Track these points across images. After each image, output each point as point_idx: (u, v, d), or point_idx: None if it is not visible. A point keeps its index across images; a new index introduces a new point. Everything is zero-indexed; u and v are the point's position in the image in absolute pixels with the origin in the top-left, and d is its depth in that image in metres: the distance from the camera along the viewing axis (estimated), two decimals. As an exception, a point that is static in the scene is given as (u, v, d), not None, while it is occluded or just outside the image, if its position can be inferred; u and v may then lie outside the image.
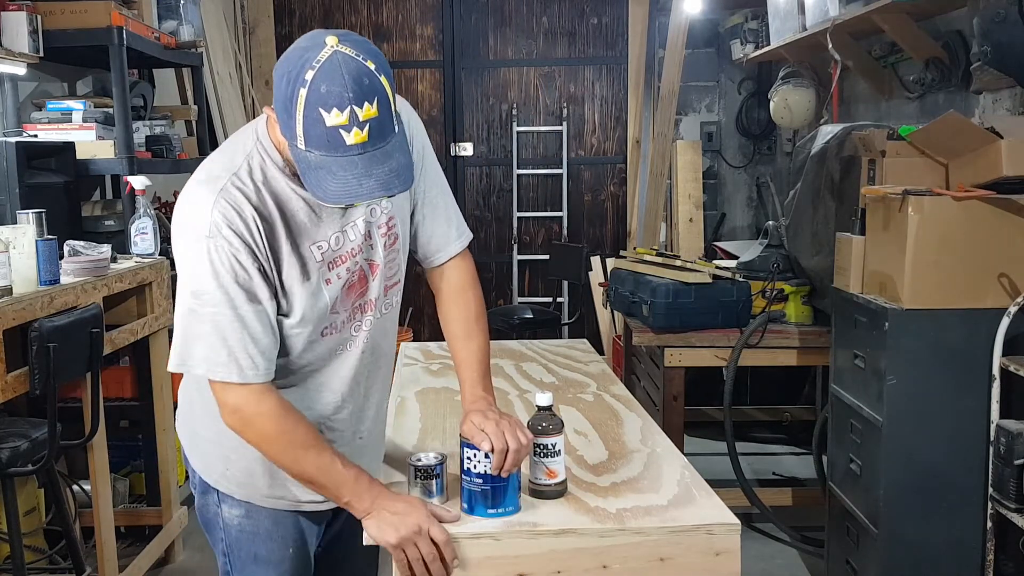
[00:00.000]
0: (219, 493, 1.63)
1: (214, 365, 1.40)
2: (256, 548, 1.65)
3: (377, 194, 1.29)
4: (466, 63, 5.79)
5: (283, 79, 1.28)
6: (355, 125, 1.25)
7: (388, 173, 1.29)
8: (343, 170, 1.27)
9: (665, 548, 1.47)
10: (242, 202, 1.40)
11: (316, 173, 1.29)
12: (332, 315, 1.52)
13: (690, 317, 3.21)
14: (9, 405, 2.65)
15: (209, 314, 1.39)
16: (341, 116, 1.24)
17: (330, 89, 1.23)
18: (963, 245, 2.37)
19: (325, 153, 1.27)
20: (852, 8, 3.51)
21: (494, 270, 5.95)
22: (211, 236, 1.38)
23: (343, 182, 1.28)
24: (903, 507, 2.46)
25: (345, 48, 1.25)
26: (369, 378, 1.65)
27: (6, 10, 2.99)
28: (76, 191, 3.22)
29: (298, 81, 1.25)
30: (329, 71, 1.24)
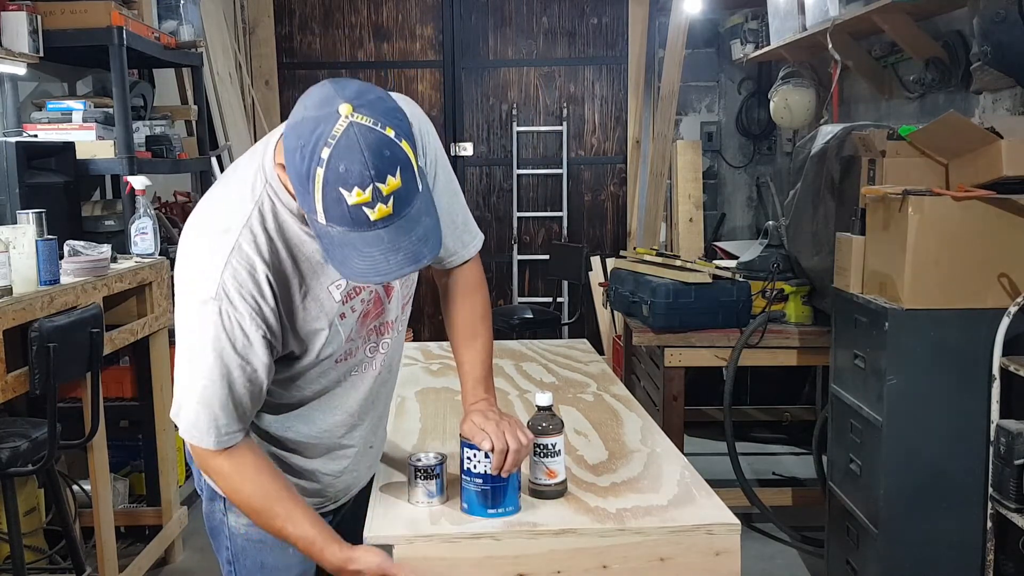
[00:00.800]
0: (225, 501, 1.61)
1: (193, 429, 1.38)
2: (263, 556, 1.63)
3: (406, 270, 1.22)
4: (466, 63, 5.79)
5: (296, 152, 1.18)
6: (379, 200, 1.16)
7: (416, 243, 1.22)
8: (369, 246, 1.19)
9: (665, 548, 1.47)
10: (255, 262, 1.32)
11: (341, 251, 1.21)
12: (347, 343, 1.49)
13: (690, 317, 3.21)
14: (9, 405, 2.65)
15: (200, 377, 1.35)
16: (364, 194, 1.15)
17: (349, 168, 1.14)
18: (963, 245, 2.37)
19: (349, 229, 1.18)
20: (852, 8, 3.50)
21: (494, 270, 5.95)
22: (218, 299, 1.31)
23: (370, 259, 1.20)
24: (903, 507, 2.46)
25: (361, 118, 1.15)
26: (381, 393, 1.65)
27: (6, 10, 2.99)
28: (76, 191, 3.22)
29: (314, 159, 1.16)
30: (347, 148, 1.14)
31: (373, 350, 1.56)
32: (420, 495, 1.54)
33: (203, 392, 1.35)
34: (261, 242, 1.33)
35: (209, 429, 1.37)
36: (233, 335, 1.32)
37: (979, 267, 2.38)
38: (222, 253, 1.32)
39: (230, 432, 1.39)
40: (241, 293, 1.31)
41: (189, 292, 1.34)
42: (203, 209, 1.41)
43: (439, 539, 1.45)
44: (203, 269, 1.32)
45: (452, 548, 1.45)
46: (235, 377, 1.35)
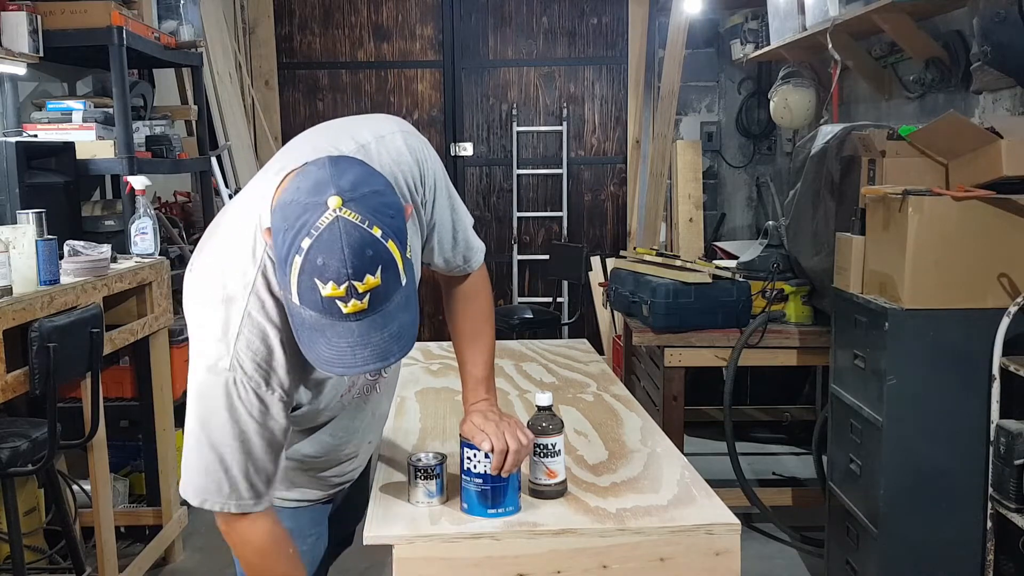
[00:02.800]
0: None
1: (213, 496, 1.34)
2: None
3: (371, 366, 1.19)
4: (466, 63, 5.79)
5: (279, 233, 1.16)
6: (353, 297, 1.13)
7: (387, 339, 1.19)
8: (338, 337, 1.17)
9: (665, 548, 1.47)
10: (267, 328, 1.31)
11: (310, 334, 1.19)
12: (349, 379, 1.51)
13: (690, 317, 3.21)
14: (9, 405, 2.65)
15: (215, 446, 1.31)
16: (338, 289, 1.13)
17: (327, 263, 1.12)
18: (963, 245, 2.37)
19: (321, 316, 1.16)
20: (852, 8, 3.50)
21: (494, 270, 5.94)
22: (232, 370, 1.29)
23: (336, 349, 1.18)
24: (903, 507, 2.46)
25: (348, 213, 1.12)
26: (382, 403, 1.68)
27: (6, 10, 2.99)
28: (76, 191, 3.22)
29: (294, 246, 1.13)
30: (328, 243, 1.12)
31: (369, 388, 1.59)
32: (420, 495, 1.54)
33: (222, 459, 1.32)
34: (269, 307, 1.31)
35: (231, 495, 1.34)
36: (250, 403, 1.30)
37: (979, 267, 2.38)
38: (234, 324, 1.29)
39: (254, 496, 1.36)
40: (256, 362, 1.30)
41: (203, 364, 1.31)
42: (203, 272, 1.36)
43: (439, 539, 1.46)
44: (215, 342, 1.30)
45: (452, 548, 1.45)
46: (254, 443, 1.32)
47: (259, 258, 1.31)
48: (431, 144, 1.53)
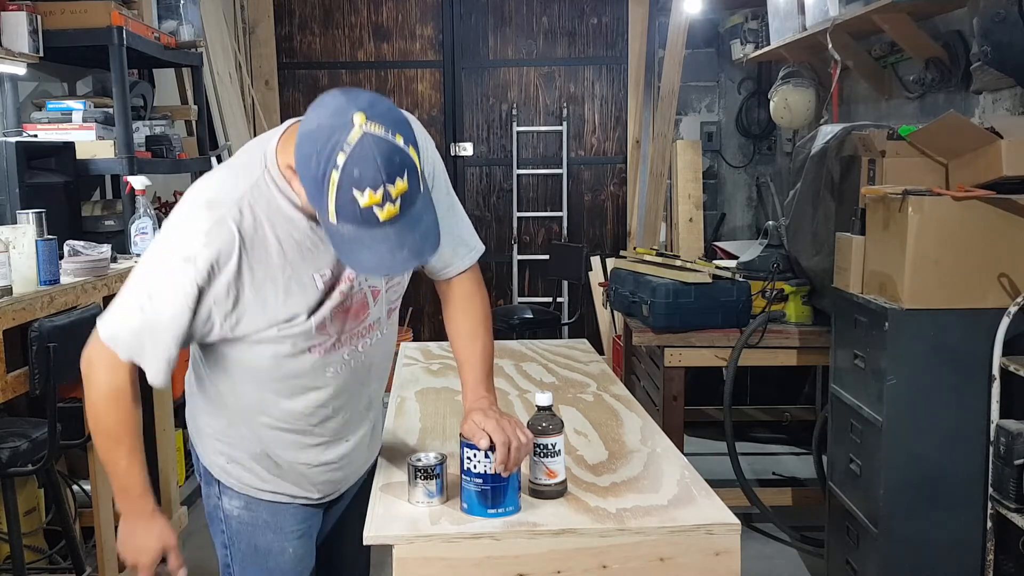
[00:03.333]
0: (220, 484, 1.68)
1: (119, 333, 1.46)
2: (255, 539, 1.68)
3: (410, 264, 1.33)
4: (466, 63, 5.79)
5: (311, 158, 1.26)
6: (387, 202, 1.25)
7: (419, 239, 1.32)
8: (377, 243, 1.28)
9: (665, 548, 1.47)
10: (231, 240, 1.40)
11: (349, 246, 1.30)
12: (320, 335, 1.52)
13: (690, 317, 3.21)
14: (9, 405, 2.65)
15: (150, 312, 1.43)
16: (375, 196, 1.24)
17: (363, 173, 1.23)
18: (963, 245, 2.37)
19: (358, 227, 1.27)
20: (852, 8, 3.50)
21: (494, 270, 5.95)
22: (189, 260, 1.39)
23: (378, 255, 1.29)
24: (903, 507, 2.46)
25: (374, 127, 1.24)
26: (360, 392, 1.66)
27: (6, 10, 2.99)
28: (76, 191, 3.22)
29: (330, 163, 1.24)
30: (361, 155, 1.23)
31: (352, 352, 1.58)
32: (420, 495, 1.54)
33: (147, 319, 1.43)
34: (247, 223, 1.41)
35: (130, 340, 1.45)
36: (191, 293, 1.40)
37: (979, 267, 2.38)
38: (208, 225, 1.40)
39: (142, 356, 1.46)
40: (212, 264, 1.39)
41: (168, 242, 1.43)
42: (200, 183, 1.49)
43: (439, 539, 1.46)
44: (187, 229, 1.41)
45: (452, 548, 1.45)
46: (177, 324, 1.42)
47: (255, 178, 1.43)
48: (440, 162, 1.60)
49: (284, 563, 1.69)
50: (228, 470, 1.66)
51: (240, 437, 1.63)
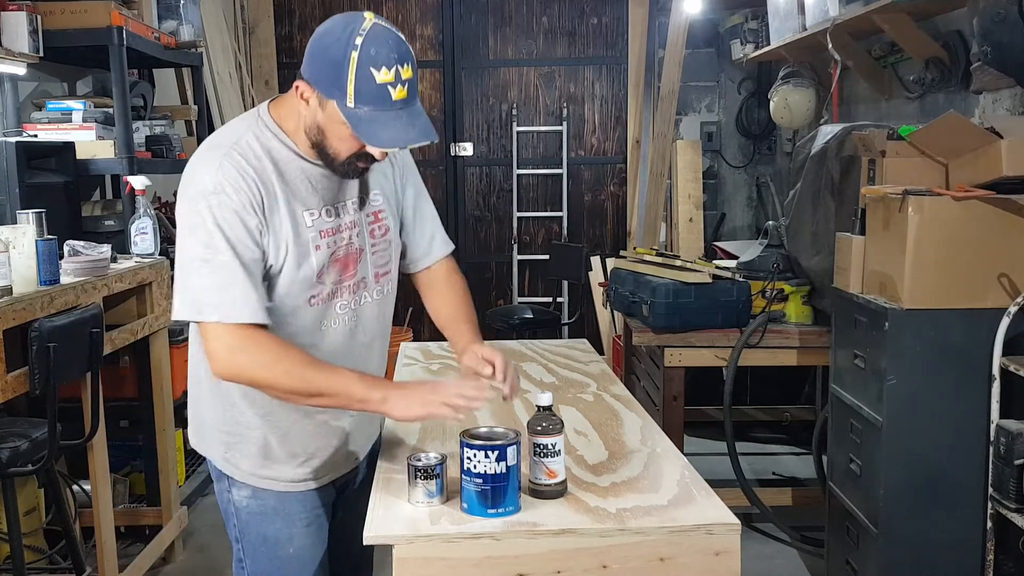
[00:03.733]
0: (228, 479, 1.71)
1: (228, 308, 1.49)
2: (264, 529, 1.71)
3: (422, 140, 1.50)
4: (466, 63, 5.79)
5: (330, 48, 1.46)
6: (399, 83, 1.45)
7: (424, 124, 1.50)
8: (391, 121, 1.47)
9: (665, 548, 1.47)
10: (244, 165, 1.53)
11: (368, 126, 1.47)
12: (319, 284, 1.62)
13: (690, 317, 3.20)
14: (9, 405, 2.65)
15: (220, 263, 1.49)
16: (388, 74, 1.44)
17: (378, 51, 1.43)
18: (963, 245, 2.37)
19: (374, 108, 1.46)
20: (852, 8, 3.50)
21: (494, 270, 5.95)
22: (216, 193, 1.50)
23: (394, 131, 1.47)
24: (903, 507, 2.46)
25: (382, 22, 1.47)
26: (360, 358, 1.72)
27: (6, 10, 2.99)
28: (76, 191, 3.22)
29: (349, 46, 1.43)
30: (375, 37, 1.44)
31: (344, 307, 1.67)
32: (420, 495, 1.54)
33: (224, 273, 1.50)
34: (249, 155, 1.56)
35: (244, 303, 1.50)
36: (233, 222, 1.51)
37: (979, 267, 2.38)
38: (215, 160, 1.54)
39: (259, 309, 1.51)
40: (236, 187, 1.52)
41: (189, 194, 1.53)
42: (203, 143, 1.63)
43: (439, 539, 1.46)
44: (201, 172, 1.54)
45: (452, 548, 1.45)
46: (246, 259, 1.51)
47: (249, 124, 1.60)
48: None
49: (293, 552, 1.71)
50: (228, 458, 1.70)
51: (236, 422, 1.67)
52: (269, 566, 1.73)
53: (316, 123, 1.54)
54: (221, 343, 1.51)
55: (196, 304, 1.51)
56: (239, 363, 1.51)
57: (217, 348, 1.51)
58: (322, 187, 1.62)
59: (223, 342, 1.50)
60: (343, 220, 1.65)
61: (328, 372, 1.53)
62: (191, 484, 3.79)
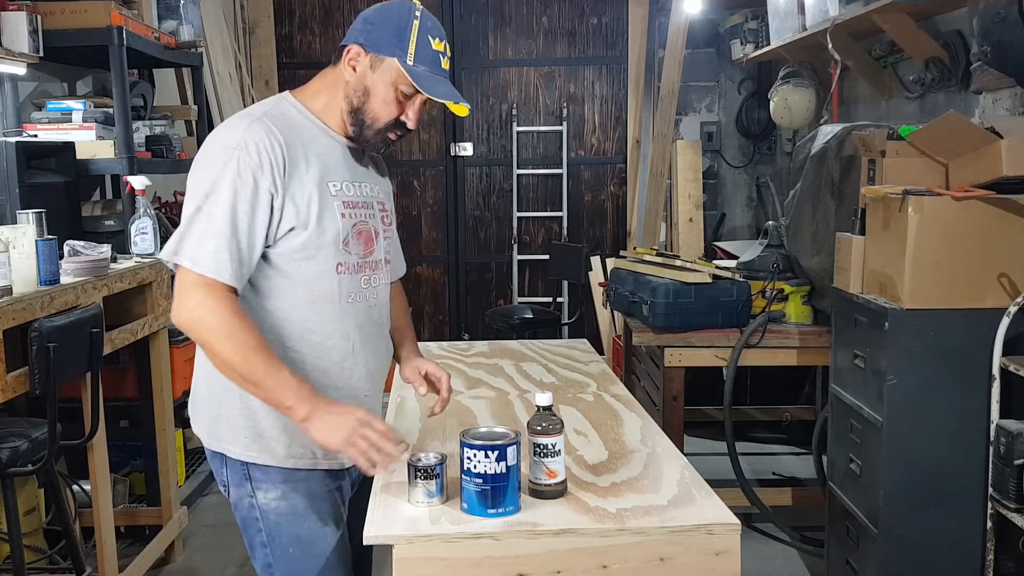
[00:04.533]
0: (252, 483, 1.69)
1: (200, 259, 1.54)
2: (297, 529, 1.69)
3: (463, 103, 1.66)
4: (466, 63, 5.79)
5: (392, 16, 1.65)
6: (444, 55, 1.67)
7: (459, 93, 1.68)
8: (443, 82, 1.67)
9: (665, 548, 1.47)
10: (272, 129, 1.60)
11: (427, 80, 1.64)
12: (345, 252, 1.68)
13: (690, 317, 3.20)
14: (9, 405, 2.65)
15: (212, 214, 1.54)
16: (441, 45, 1.67)
17: (433, 25, 1.66)
18: (963, 245, 2.37)
19: (430, 70, 1.65)
20: (852, 8, 3.50)
21: (494, 270, 5.95)
22: (239, 148, 1.56)
23: (447, 87, 1.67)
24: (903, 507, 2.46)
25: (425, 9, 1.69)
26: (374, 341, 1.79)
27: (6, 10, 2.99)
28: (76, 191, 3.22)
29: (411, 15, 1.64)
30: (428, 16, 1.67)
31: (367, 282, 1.75)
32: (420, 495, 1.54)
33: (215, 227, 1.54)
34: (280, 122, 1.63)
35: (215, 259, 1.54)
36: (247, 181, 1.56)
37: (979, 267, 2.38)
38: (245, 122, 1.61)
39: (233, 273, 1.56)
40: (259, 147, 1.57)
41: (212, 147, 1.60)
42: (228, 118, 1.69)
43: (439, 539, 1.46)
44: (227, 131, 1.61)
45: (452, 548, 1.45)
46: (241, 221, 1.56)
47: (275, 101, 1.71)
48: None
49: (328, 548, 1.70)
50: (255, 446, 1.67)
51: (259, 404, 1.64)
52: (304, 566, 1.70)
53: (364, 86, 1.66)
54: (189, 292, 1.55)
55: (177, 245, 1.56)
56: (198, 318, 1.55)
57: (183, 295, 1.56)
58: (344, 163, 1.72)
59: (191, 292, 1.55)
60: (363, 195, 1.74)
61: (270, 367, 1.54)
62: (191, 484, 3.79)
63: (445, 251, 5.92)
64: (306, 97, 1.72)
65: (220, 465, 1.73)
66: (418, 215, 5.90)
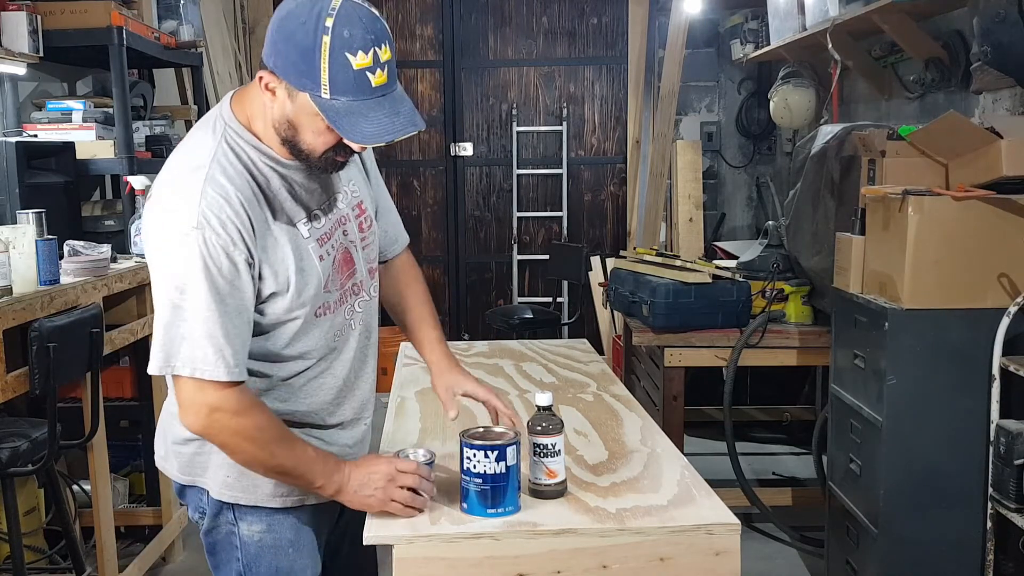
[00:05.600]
0: (235, 510, 1.58)
1: (201, 364, 1.36)
2: (278, 562, 1.60)
3: (409, 130, 1.34)
4: (466, 63, 5.79)
5: (296, 33, 1.30)
6: (377, 67, 1.30)
7: (409, 111, 1.35)
8: (372, 111, 1.31)
9: (665, 548, 1.47)
10: (228, 189, 1.38)
11: (348, 119, 1.31)
12: (325, 294, 1.52)
13: (690, 317, 3.20)
14: (9, 405, 2.65)
15: (195, 310, 1.35)
16: (366, 58, 1.28)
17: (352, 33, 1.27)
18: (963, 245, 2.37)
19: (353, 98, 1.30)
20: (852, 8, 3.50)
21: (494, 270, 5.95)
22: (199, 228, 1.34)
23: (376, 123, 1.31)
24: (903, 507, 2.46)
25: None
26: (364, 363, 1.67)
27: (6, 10, 2.99)
28: (76, 191, 3.22)
29: (318, 30, 1.27)
30: (347, 17, 1.28)
31: (351, 312, 1.60)
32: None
33: (204, 324, 1.35)
34: (231, 172, 1.40)
35: (218, 360, 1.36)
36: (220, 262, 1.35)
37: (979, 267, 2.38)
38: (196, 186, 1.36)
39: (237, 364, 1.38)
40: (220, 219, 1.35)
41: (168, 230, 1.36)
42: (169, 162, 1.46)
43: (439, 539, 1.45)
44: (179, 205, 1.36)
45: (452, 548, 1.45)
46: (229, 305, 1.37)
47: (219, 135, 1.43)
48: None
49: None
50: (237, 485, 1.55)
51: None
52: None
53: (286, 117, 1.38)
54: (197, 398, 1.39)
55: (167, 355, 1.36)
56: (215, 425, 1.40)
57: (191, 404, 1.40)
58: (306, 192, 1.49)
59: (199, 397, 1.39)
60: (333, 218, 1.55)
61: (295, 452, 1.44)
62: (191, 484, 3.78)
63: (445, 251, 5.92)
64: (249, 115, 1.45)
65: (197, 494, 1.60)
66: (418, 215, 5.90)
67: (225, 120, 1.45)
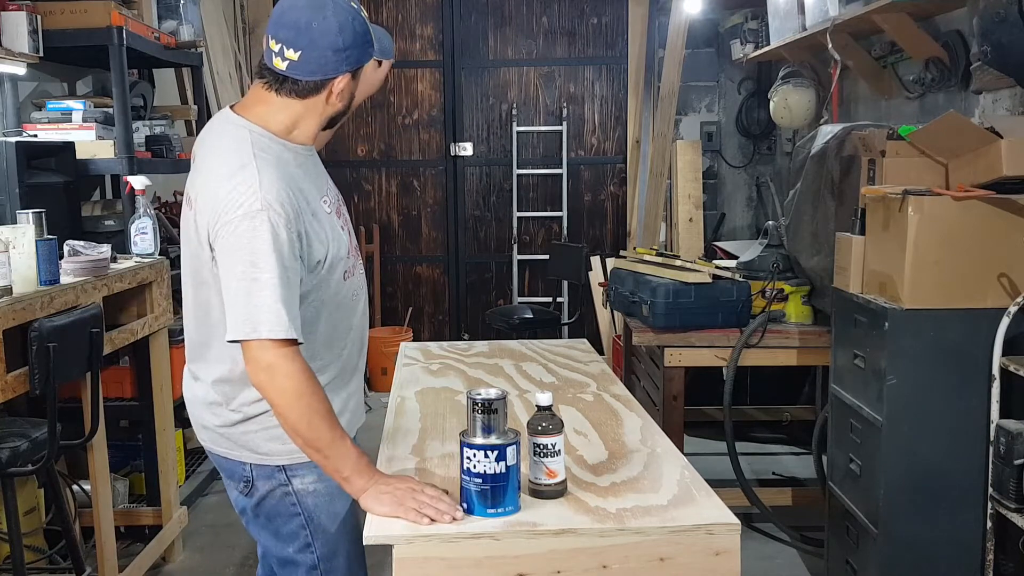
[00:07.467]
0: (287, 470, 1.71)
1: (277, 327, 1.52)
2: (334, 507, 1.74)
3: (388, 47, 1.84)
4: (466, 63, 5.79)
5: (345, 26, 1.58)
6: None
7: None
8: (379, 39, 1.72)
9: (665, 548, 1.47)
10: (275, 176, 1.59)
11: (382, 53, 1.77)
12: (348, 258, 1.75)
13: (690, 317, 3.20)
14: (9, 405, 2.65)
15: (268, 281, 1.53)
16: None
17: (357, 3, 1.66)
18: (963, 245, 2.37)
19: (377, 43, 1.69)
20: (852, 8, 3.51)
21: (494, 270, 5.95)
22: (264, 209, 1.54)
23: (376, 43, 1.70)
24: (903, 507, 2.46)
25: None
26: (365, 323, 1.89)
27: (6, 10, 2.99)
28: (76, 191, 3.22)
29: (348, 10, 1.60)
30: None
31: (361, 277, 1.83)
32: (478, 432, 1.52)
33: (275, 291, 1.53)
34: (272, 163, 1.61)
35: (291, 323, 1.54)
36: (282, 239, 1.55)
37: (979, 267, 2.38)
38: (253, 177, 1.57)
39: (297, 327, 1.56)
40: (280, 201, 1.57)
41: (238, 214, 1.55)
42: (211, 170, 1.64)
43: (439, 539, 1.46)
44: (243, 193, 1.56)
45: (452, 548, 1.45)
46: (291, 273, 1.57)
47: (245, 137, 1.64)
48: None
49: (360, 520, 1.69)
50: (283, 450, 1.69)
51: None
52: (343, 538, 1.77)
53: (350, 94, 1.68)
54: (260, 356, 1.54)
55: (253, 323, 1.52)
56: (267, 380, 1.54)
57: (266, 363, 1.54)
58: (315, 175, 1.74)
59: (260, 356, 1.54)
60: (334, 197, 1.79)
61: (334, 435, 1.56)
62: (191, 484, 3.79)
63: (445, 251, 5.92)
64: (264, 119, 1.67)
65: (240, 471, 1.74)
66: (418, 215, 5.90)
67: (241, 125, 1.66)
